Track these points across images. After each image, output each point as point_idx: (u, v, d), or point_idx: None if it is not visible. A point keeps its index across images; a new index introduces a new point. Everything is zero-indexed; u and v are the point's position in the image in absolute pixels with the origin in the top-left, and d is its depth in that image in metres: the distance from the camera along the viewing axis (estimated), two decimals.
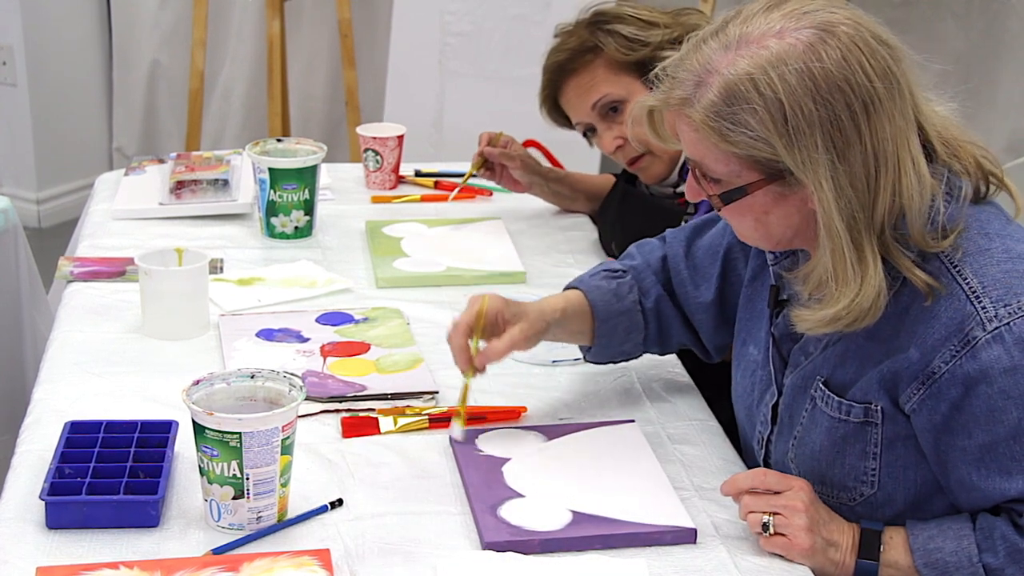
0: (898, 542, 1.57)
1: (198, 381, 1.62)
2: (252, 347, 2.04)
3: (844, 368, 1.61)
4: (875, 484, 1.60)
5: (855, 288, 1.51)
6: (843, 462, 1.61)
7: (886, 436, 1.58)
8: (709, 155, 1.55)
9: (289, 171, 2.43)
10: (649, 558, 1.57)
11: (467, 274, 2.36)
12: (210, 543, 1.57)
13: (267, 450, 1.56)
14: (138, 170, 2.77)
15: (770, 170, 1.52)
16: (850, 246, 1.50)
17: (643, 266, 1.94)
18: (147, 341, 2.07)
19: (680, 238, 1.94)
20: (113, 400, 1.88)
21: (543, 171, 2.60)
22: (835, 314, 1.52)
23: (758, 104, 1.48)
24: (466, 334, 1.76)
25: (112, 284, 2.27)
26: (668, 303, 1.92)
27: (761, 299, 1.77)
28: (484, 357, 1.75)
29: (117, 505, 1.58)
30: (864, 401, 1.58)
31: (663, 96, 1.56)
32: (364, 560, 1.55)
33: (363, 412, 1.88)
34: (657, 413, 1.92)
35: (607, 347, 1.92)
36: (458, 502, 1.67)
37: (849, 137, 1.48)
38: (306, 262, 2.39)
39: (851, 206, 1.49)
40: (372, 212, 2.65)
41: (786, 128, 1.47)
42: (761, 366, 1.74)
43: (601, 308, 1.89)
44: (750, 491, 1.60)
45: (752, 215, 1.57)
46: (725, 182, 1.55)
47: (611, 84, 2.30)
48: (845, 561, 1.57)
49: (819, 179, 1.48)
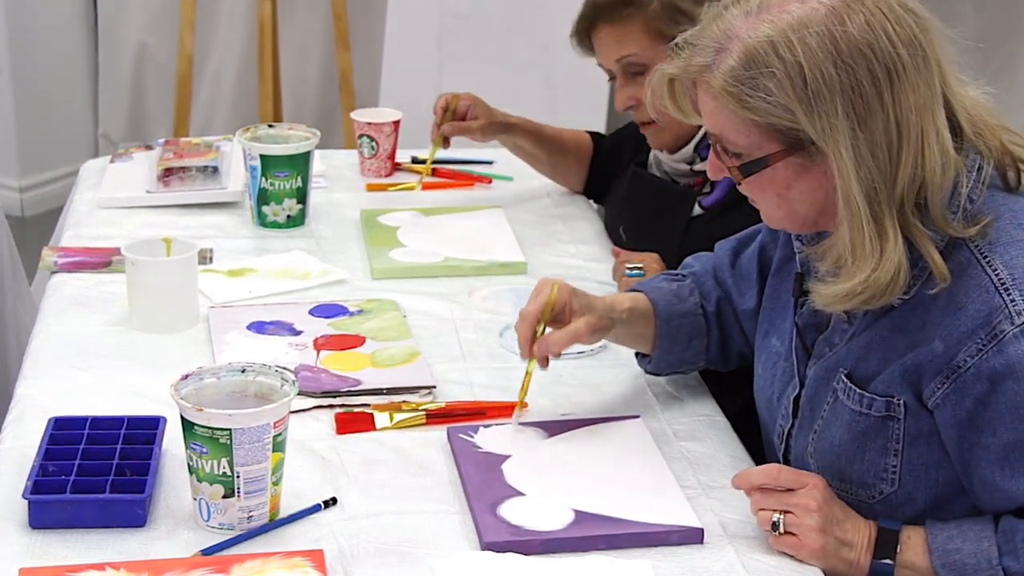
0: (916, 542, 1.56)
1: (187, 376, 1.62)
2: (243, 340, 2.04)
3: (868, 360, 1.61)
4: (895, 482, 1.60)
5: (872, 262, 1.51)
6: (863, 458, 1.61)
7: (908, 432, 1.58)
8: (729, 125, 1.55)
9: (281, 158, 2.43)
10: (654, 559, 1.58)
11: (466, 265, 2.35)
12: (199, 543, 1.57)
13: (258, 447, 1.56)
14: (124, 157, 2.77)
15: (791, 140, 1.52)
16: (869, 218, 1.50)
17: (702, 272, 1.95)
18: (134, 334, 2.07)
19: (726, 248, 1.95)
20: (99, 395, 1.88)
21: (507, 126, 2.60)
22: (851, 288, 1.52)
23: (777, 68, 1.49)
24: (534, 325, 1.77)
25: (98, 275, 2.27)
26: (729, 308, 1.92)
27: (786, 289, 1.77)
28: (543, 347, 1.76)
29: (103, 504, 1.58)
30: (886, 395, 1.59)
31: (683, 64, 1.58)
32: (359, 561, 1.55)
33: (358, 408, 1.88)
34: (663, 408, 1.92)
35: (668, 352, 1.91)
36: (456, 501, 1.68)
37: (871, 104, 1.49)
38: (299, 252, 2.39)
39: (871, 177, 1.49)
40: (367, 200, 2.65)
41: (806, 93, 1.48)
42: (784, 358, 1.75)
43: (663, 308, 1.89)
44: (762, 487, 1.60)
45: (774, 189, 1.58)
46: (745, 155, 1.56)
47: (642, 46, 2.26)
48: (859, 561, 1.57)
49: (839, 147, 1.49)
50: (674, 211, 2.33)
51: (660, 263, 2.24)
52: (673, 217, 2.33)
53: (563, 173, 2.70)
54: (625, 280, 2.22)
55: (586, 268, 2.39)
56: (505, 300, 2.25)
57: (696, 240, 2.26)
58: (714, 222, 2.28)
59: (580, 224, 2.59)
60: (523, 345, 1.78)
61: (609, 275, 2.31)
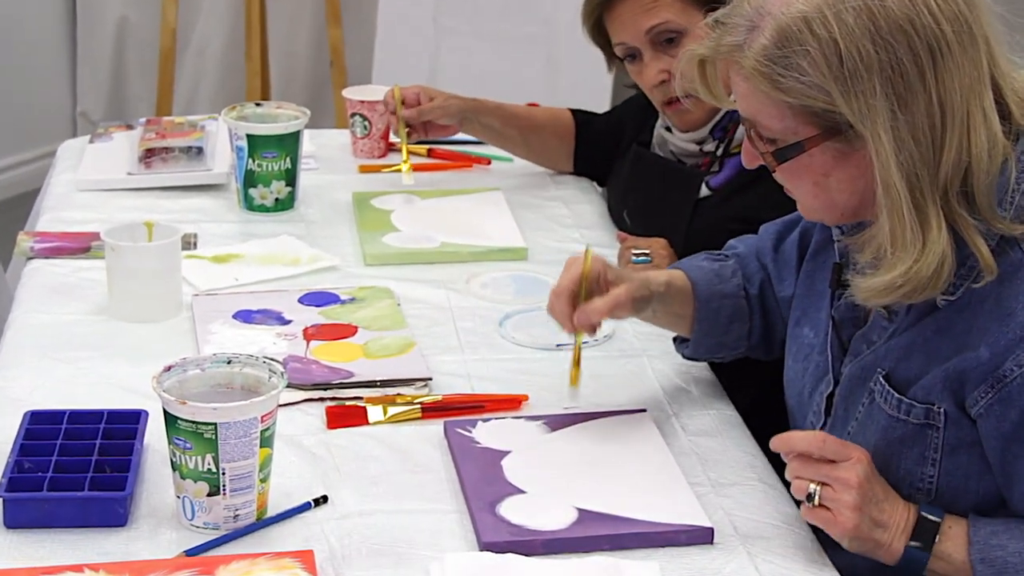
0: (957, 533, 1.55)
1: (170, 367, 1.62)
2: (228, 330, 2.04)
3: (909, 362, 1.59)
4: (932, 492, 1.58)
5: (914, 253, 1.49)
6: (898, 466, 1.60)
7: (948, 441, 1.57)
8: (763, 109, 1.54)
9: (269, 138, 2.43)
10: (662, 560, 1.57)
11: (463, 250, 2.35)
12: (182, 544, 1.56)
13: (245, 442, 1.56)
14: (104, 137, 2.77)
15: (828, 124, 1.51)
16: (910, 206, 1.48)
17: (746, 253, 1.93)
18: (114, 323, 2.07)
19: (771, 231, 1.93)
20: (77, 388, 1.88)
21: (469, 101, 2.58)
22: (891, 280, 1.50)
23: (812, 46, 1.48)
24: (571, 301, 1.76)
25: (76, 261, 2.27)
26: (772, 293, 1.90)
27: (822, 277, 1.76)
28: (584, 315, 1.75)
29: (81, 502, 1.58)
30: (926, 401, 1.57)
31: (714, 44, 1.57)
32: (351, 562, 1.55)
33: (350, 401, 1.87)
34: (671, 401, 1.92)
35: (707, 334, 1.89)
36: (453, 499, 1.67)
37: (912, 84, 1.47)
38: (287, 237, 2.39)
39: (912, 161, 1.48)
40: (359, 183, 2.64)
41: (842, 72, 1.47)
42: (818, 351, 1.73)
43: (703, 287, 1.88)
44: (803, 454, 1.58)
45: (810, 177, 1.56)
46: (780, 140, 1.55)
47: (676, 11, 2.23)
48: (892, 544, 1.55)
49: (877, 130, 1.47)
50: (680, 193, 2.32)
51: (668, 249, 2.23)
52: (679, 199, 2.32)
53: (540, 151, 2.68)
54: (631, 267, 2.21)
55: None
56: (505, 287, 2.24)
57: (704, 223, 2.26)
58: (723, 204, 2.27)
59: (584, 208, 2.58)
60: (564, 322, 1.76)
61: (614, 261, 2.30)
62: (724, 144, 2.30)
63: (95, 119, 4.81)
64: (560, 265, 1.96)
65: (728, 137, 2.29)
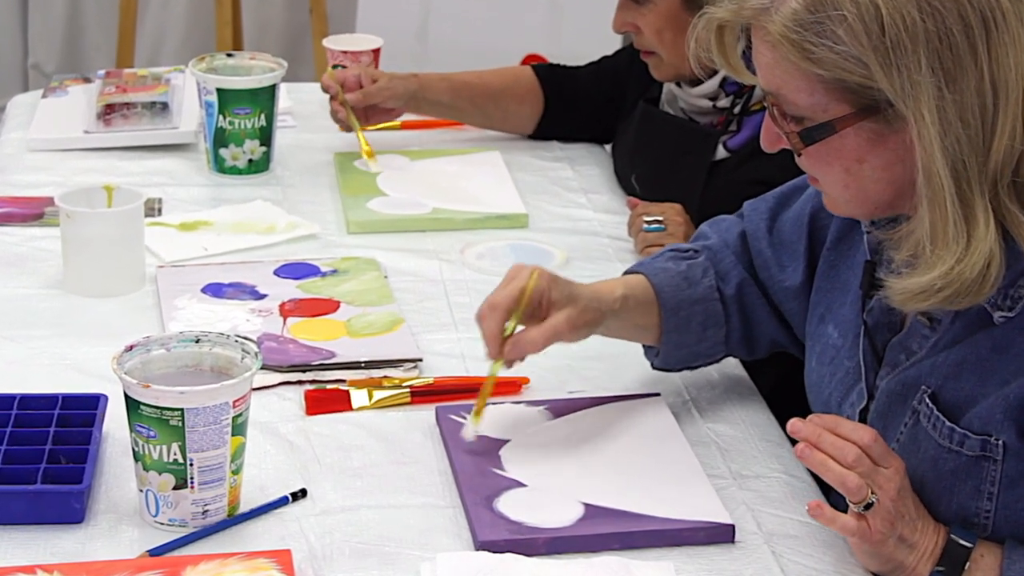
0: (989, 563, 1.54)
1: (131, 347, 1.62)
2: (197, 305, 2.04)
3: (959, 381, 1.57)
4: (988, 528, 1.56)
5: (956, 251, 1.45)
6: (950, 500, 1.58)
7: (1007, 474, 1.55)
8: (789, 82, 1.51)
9: (241, 92, 2.43)
10: (677, 560, 1.57)
11: (457, 217, 2.35)
12: (146, 543, 1.56)
13: (215, 430, 1.56)
14: (59, 91, 2.77)
15: (864, 101, 1.48)
16: (954, 198, 1.45)
17: (719, 245, 1.90)
18: (70, 298, 2.07)
19: (761, 210, 1.89)
20: (29, 370, 1.88)
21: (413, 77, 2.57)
22: (929, 282, 1.47)
23: (849, 11, 1.45)
24: (503, 317, 1.73)
25: (28, 229, 2.27)
26: (753, 289, 1.88)
27: (847, 267, 1.74)
28: (517, 348, 1.72)
29: (33, 496, 1.58)
30: (983, 432, 1.55)
31: (735, 7, 1.54)
32: (332, 563, 1.55)
33: (331, 384, 1.88)
34: (687, 385, 1.92)
35: (678, 346, 1.87)
36: (446, 493, 1.68)
37: (962, 59, 1.44)
38: (262, 203, 2.39)
39: (959, 147, 1.45)
40: (342, 143, 2.64)
41: (883, 42, 1.44)
42: (846, 355, 1.71)
43: (668, 295, 1.85)
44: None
45: (841, 163, 1.53)
46: (808, 118, 1.52)
47: None
48: (917, 567, 1.55)
49: (921, 109, 1.44)
50: (694, 155, 2.32)
51: (683, 215, 2.23)
52: (693, 162, 2.32)
53: (500, 119, 2.67)
54: (643, 236, 2.21)
55: (597, 221, 2.38)
56: (503, 258, 2.24)
57: (720, 188, 2.26)
58: (741, 167, 2.27)
59: (591, 170, 2.58)
60: (490, 342, 1.73)
61: (624, 230, 2.30)
62: (742, 101, 2.29)
63: (48, 71, 4.80)
64: (565, 234, 1.97)
65: (747, 93, 2.29)
